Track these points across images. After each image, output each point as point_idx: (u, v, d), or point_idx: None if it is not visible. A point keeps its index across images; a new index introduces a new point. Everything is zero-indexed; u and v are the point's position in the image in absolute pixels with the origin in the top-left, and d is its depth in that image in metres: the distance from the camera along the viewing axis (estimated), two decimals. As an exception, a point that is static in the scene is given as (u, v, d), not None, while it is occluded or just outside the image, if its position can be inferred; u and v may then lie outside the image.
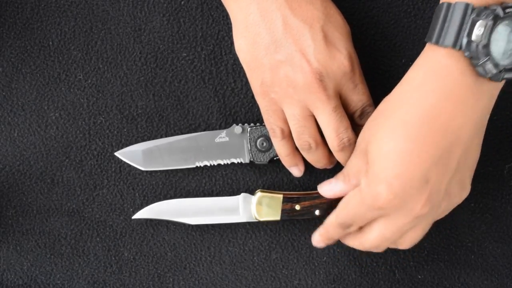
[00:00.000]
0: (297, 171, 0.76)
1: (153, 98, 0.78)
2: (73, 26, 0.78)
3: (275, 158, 0.76)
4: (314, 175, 0.78)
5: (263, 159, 0.77)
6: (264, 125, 0.75)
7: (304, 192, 0.77)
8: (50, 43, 0.79)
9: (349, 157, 0.71)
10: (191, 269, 0.80)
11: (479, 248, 0.79)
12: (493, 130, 0.77)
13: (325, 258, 0.80)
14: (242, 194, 0.77)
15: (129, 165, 0.79)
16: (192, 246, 0.80)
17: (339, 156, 0.72)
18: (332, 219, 0.71)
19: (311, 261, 0.80)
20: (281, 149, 0.74)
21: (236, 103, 0.78)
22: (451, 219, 0.79)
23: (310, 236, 0.79)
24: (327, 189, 0.72)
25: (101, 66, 0.79)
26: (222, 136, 0.77)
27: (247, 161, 0.77)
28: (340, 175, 0.71)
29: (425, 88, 0.62)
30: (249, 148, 0.77)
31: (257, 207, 0.76)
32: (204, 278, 0.80)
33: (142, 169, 0.78)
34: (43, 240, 0.80)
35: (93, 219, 0.80)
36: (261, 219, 0.76)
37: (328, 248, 0.79)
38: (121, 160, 0.79)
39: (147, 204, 0.79)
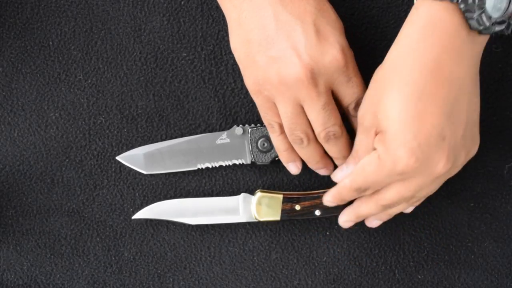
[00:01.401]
0: (294, 167, 0.76)
1: (153, 98, 0.78)
2: (73, 26, 0.78)
3: (276, 159, 0.76)
4: (314, 175, 0.78)
5: (264, 159, 0.77)
6: (265, 126, 0.75)
7: (304, 192, 0.77)
8: (50, 43, 0.79)
9: (337, 149, 0.72)
10: (191, 269, 0.80)
11: (479, 248, 0.79)
12: (493, 130, 0.78)
13: (325, 258, 0.80)
14: (242, 194, 0.77)
15: (146, 174, 0.79)
16: (192, 246, 0.80)
17: (327, 148, 0.72)
18: (347, 184, 0.70)
19: (311, 261, 0.80)
20: (279, 144, 0.74)
21: (236, 103, 0.78)
22: (451, 219, 0.79)
23: (310, 236, 0.79)
24: (340, 175, 0.72)
25: (101, 66, 0.79)
26: (223, 137, 0.77)
27: (248, 162, 0.77)
28: (349, 158, 0.72)
29: (424, 44, 0.64)
30: (250, 149, 0.77)
31: (257, 207, 0.76)
32: (204, 278, 0.80)
33: (144, 172, 0.78)
34: (43, 240, 0.80)
35: (93, 219, 0.80)
36: (261, 219, 0.76)
37: (328, 248, 0.79)
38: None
39: (147, 204, 0.79)
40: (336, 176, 0.73)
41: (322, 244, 0.79)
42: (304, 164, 0.76)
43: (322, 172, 0.75)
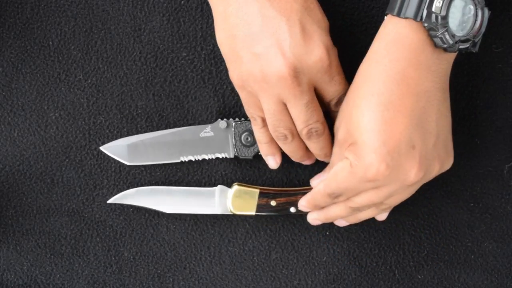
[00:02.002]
0: (273, 161, 0.76)
1: (153, 98, 0.78)
2: (73, 26, 0.78)
3: (259, 153, 0.76)
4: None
5: (247, 154, 0.77)
6: (249, 120, 0.75)
7: (281, 188, 0.77)
8: (50, 43, 0.79)
9: (319, 146, 0.72)
10: (191, 269, 0.80)
11: (479, 248, 0.79)
12: (493, 130, 0.77)
13: (325, 258, 0.80)
14: (219, 186, 0.77)
15: (129, 165, 0.79)
16: (192, 246, 0.80)
17: (309, 145, 0.73)
18: (321, 189, 0.71)
19: (311, 261, 0.80)
20: (261, 136, 0.74)
21: (236, 103, 0.78)
22: (451, 219, 0.79)
23: (310, 236, 0.80)
24: (316, 181, 0.75)
25: (101, 66, 0.79)
26: (207, 130, 0.77)
27: (231, 156, 0.77)
28: (326, 168, 0.74)
29: (389, 58, 0.65)
30: (234, 143, 0.77)
31: (233, 200, 0.76)
32: (204, 278, 0.80)
33: (127, 163, 0.78)
34: (43, 240, 0.80)
35: (93, 219, 0.80)
36: (236, 213, 0.76)
37: (328, 248, 0.79)
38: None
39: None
40: (313, 182, 0.75)
41: (322, 244, 0.79)
42: (286, 160, 0.76)
43: (306, 162, 0.76)
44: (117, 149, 0.77)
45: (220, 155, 0.77)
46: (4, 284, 0.80)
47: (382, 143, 0.65)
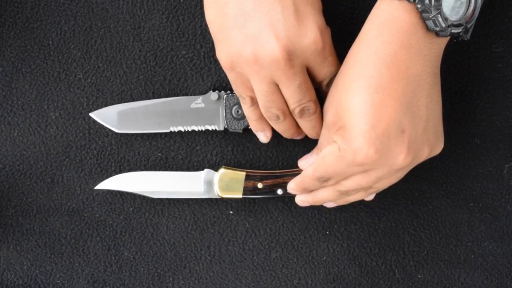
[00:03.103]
0: (263, 137, 0.76)
1: (152, 97, 0.78)
2: (73, 25, 0.78)
3: (249, 127, 0.76)
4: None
5: (237, 127, 0.76)
6: None
7: (267, 170, 0.77)
8: (50, 42, 0.78)
9: (311, 125, 0.72)
10: (190, 268, 0.80)
11: (478, 247, 0.79)
12: (493, 130, 0.77)
13: (324, 257, 0.80)
14: (205, 170, 0.77)
15: (129, 164, 0.79)
16: (192, 245, 0.80)
17: (301, 124, 0.72)
18: (309, 172, 0.71)
19: (311, 261, 0.80)
20: (250, 114, 0.74)
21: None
22: (451, 219, 0.79)
23: (309, 236, 0.80)
24: (304, 162, 0.75)
25: (100, 65, 0.78)
26: (198, 102, 0.77)
27: (221, 128, 0.77)
28: (315, 149, 0.74)
29: (380, 40, 0.64)
30: (224, 115, 0.76)
31: (219, 183, 0.76)
32: (203, 277, 0.80)
33: (116, 131, 0.77)
34: (43, 240, 0.80)
35: (93, 218, 0.80)
36: (224, 196, 0.76)
37: (328, 247, 0.79)
38: (122, 160, 0.79)
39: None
40: (300, 163, 0.75)
41: (321, 243, 0.79)
42: (276, 135, 0.76)
43: (296, 138, 0.76)
44: (107, 116, 0.77)
45: (210, 127, 0.77)
46: (4, 284, 0.80)
47: (371, 127, 0.64)
